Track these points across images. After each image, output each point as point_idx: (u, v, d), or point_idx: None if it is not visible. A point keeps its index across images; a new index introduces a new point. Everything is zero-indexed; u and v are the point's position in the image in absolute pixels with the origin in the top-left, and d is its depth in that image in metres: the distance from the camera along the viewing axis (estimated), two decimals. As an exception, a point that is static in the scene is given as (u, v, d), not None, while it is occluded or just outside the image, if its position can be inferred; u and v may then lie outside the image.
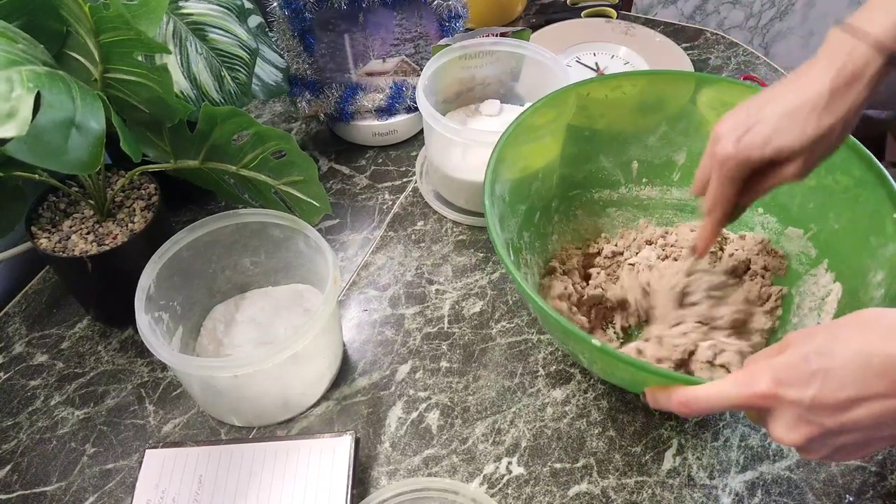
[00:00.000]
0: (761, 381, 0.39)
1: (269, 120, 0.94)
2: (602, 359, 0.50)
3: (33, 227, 0.63)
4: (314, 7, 0.78)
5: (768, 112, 0.48)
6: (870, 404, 0.36)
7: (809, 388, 0.37)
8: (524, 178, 0.66)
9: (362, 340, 0.69)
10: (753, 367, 0.40)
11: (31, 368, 0.67)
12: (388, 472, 0.59)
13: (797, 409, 0.38)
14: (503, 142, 0.60)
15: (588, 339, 0.46)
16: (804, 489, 0.57)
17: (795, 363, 0.38)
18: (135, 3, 0.53)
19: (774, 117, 0.48)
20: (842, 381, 0.36)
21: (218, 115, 0.59)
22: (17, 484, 0.59)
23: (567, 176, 0.70)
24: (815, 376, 0.37)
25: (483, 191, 0.56)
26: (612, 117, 0.68)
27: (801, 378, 0.38)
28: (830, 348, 0.37)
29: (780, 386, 0.38)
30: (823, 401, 0.37)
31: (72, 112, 0.45)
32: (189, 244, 0.61)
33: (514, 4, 1.08)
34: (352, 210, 0.81)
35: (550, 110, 0.65)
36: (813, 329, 0.40)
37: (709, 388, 0.42)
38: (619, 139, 0.70)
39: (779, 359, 0.39)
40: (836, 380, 0.37)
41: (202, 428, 0.62)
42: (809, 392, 0.37)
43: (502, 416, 0.62)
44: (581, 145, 0.69)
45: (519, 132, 0.62)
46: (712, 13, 1.64)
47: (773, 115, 0.48)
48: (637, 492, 0.57)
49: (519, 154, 0.63)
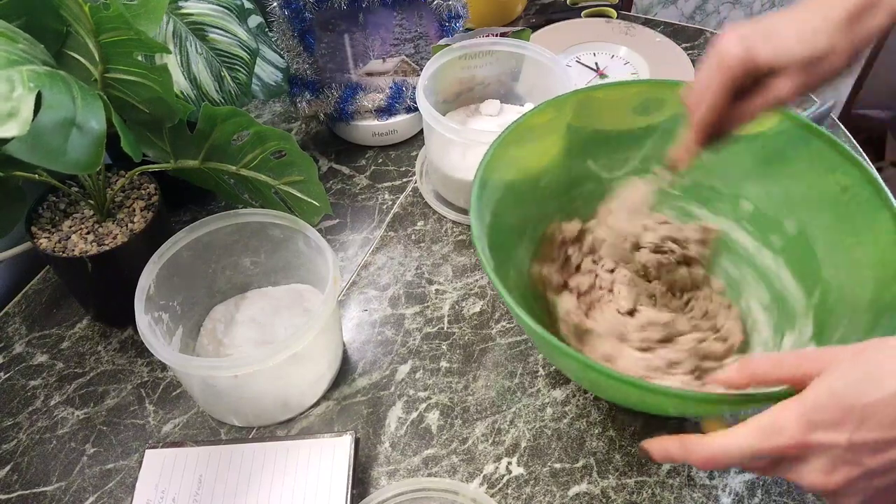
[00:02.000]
0: (789, 428, 0.36)
1: (269, 120, 0.94)
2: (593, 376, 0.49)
3: (33, 227, 0.63)
4: (314, 7, 0.78)
5: (780, 24, 0.46)
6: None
7: (846, 428, 0.34)
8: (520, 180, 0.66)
9: (362, 340, 0.69)
10: (778, 412, 0.37)
11: (31, 368, 0.67)
12: (388, 472, 0.59)
13: (834, 452, 0.35)
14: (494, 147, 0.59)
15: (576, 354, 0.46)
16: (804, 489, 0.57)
17: (827, 402, 0.35)
18: (135, 3, 0.53)
19: (785, 27, 0.46)
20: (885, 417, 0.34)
21: (218, 115, 0.59)
22: (17, 484, 0.59)
23: (566, 176, 0.70)
24: (852, 413, 0.34)
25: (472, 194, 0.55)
26: (611, 118, 0.68)
27: (835, 419, 0.35)
28: (868, 379, 0.34)
29: (812, 430, 0.35)
30: (865, 441, 0.34)
31: (72, 112, 0.45)
32: (189, 244, 0.61)
33: (514, 4, 1.08)
34: (352, 210, 0.81)
35: (549, 110, 0.65)
36: (837, 354, 0.37)
37: (728, 442, 0.38)
38: (618, 139, 0.70)
39: (805, 397, 0.36)
40: (879, 416, 0.34)
41: (202, 428, 0.62)
42: (847, 433, 0.34)
43: (502, 416, 0.62)
44: (580, 146, 0.69)
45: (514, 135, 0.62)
46: (712, 13, 1.64)
47: (784, 26, 0.46)
48: (637, 492, 0.57)
49: (515, 156, 0.63)
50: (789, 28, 0.46)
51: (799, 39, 0.45)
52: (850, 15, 0.44)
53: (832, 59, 0.45)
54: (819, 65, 0.45)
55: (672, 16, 1.61)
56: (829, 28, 0.45)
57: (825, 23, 0.45)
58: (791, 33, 0.45)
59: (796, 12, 0.46)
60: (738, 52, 0.46)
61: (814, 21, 0.45)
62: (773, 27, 0.46)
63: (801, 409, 0.36)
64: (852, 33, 0.45)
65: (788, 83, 0.46)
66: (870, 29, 0.45)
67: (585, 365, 0.46)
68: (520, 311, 0.48)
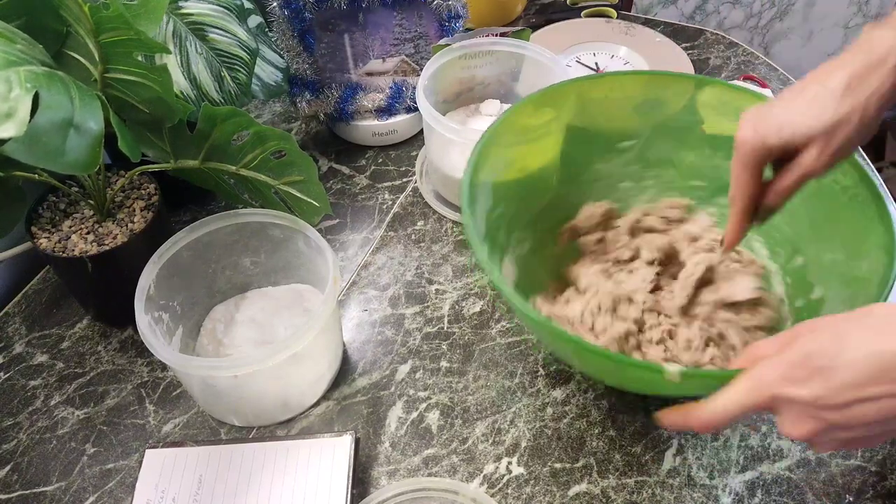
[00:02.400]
0: (769, 384, 0.40)
1: (269, 120, 0.94)
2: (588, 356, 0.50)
3: (33, 227, 0.63)
4: (314, 7, 0.78)
5: (788, 100, 0.48)
6: (878, 402, 0.36)
7: (811, 386, 0.38)
8: (519, 179, 0.66)
9: (362, 340, 0.69)
10: (761, 369, 0.41)
11: (31, 368, 0.67)
12: (388, 472, 0.59)
13: (800, 407, 0.39)
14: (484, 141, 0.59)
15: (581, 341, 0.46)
16: (804, 489, 0.57)
17: (799, 361, 0.39)
18: (135, 3, 0.53)
19: (794, 104, 0.47)
20: (844, 379, 0.37)
21: (218, 115, 0.59)
22: (17, 484, 0.59)
23: (566, 176, 0.70)
24: (819, 374, 0.38)
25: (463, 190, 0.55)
26: (611, 117, 0.68)
27: (804, 376, 0.38)
28: (836, 346, 0.38)
29: (785, 384, 0.39)
30: (826, 399, 0.37)
31: (70, 112, 0.45)
32: (189, 244, 0.61)
33: (514, 4, 1.08)
34: (352, 210, 0.81)
35: (548, 110, 0.65)
36: (820, 322, 0.40)
37: (722, 401, 0.42)
38: (618, 139, 0.69)
39: (784, 356, 0.40)
40: (839, 378, 0.37)
41: (202, 428, 0.62)
42: (811, 391, 0.38)
43: (502, 416, 0.62)
44: (580, 145, 0.69)
45: (510, 132, 0.62)
46: (712, 13, 1.64)
47: (793, 102, 0.48)
48: (637, 492, 0.57)
49: (513, 155, 0.63)
50: (796, 105, 0.47)
51: (805, 115, 0.47)
52: (851, 79, 0.46)
53: (846, 125, 0.47)
54: (836, 133, 0.47)
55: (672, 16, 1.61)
56: (833, 97, 0.46)
57: (827, 93, 0.46)
58: (798, 110, 0.47)
59: (801, 89, 0.48)
60: (750, 139, 0.49)
61: (816, 94, 0.47)
62: (782, 107, 0.48)
63: (779, 366, 0.40)
64: (857, 97, 0.46)
65: (813, 155, 0.48)
66: (876, 89, 0.46)
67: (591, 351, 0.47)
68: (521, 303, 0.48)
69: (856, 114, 0.46)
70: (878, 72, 0.46)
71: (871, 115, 0.47)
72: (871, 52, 0.46)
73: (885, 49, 0.45)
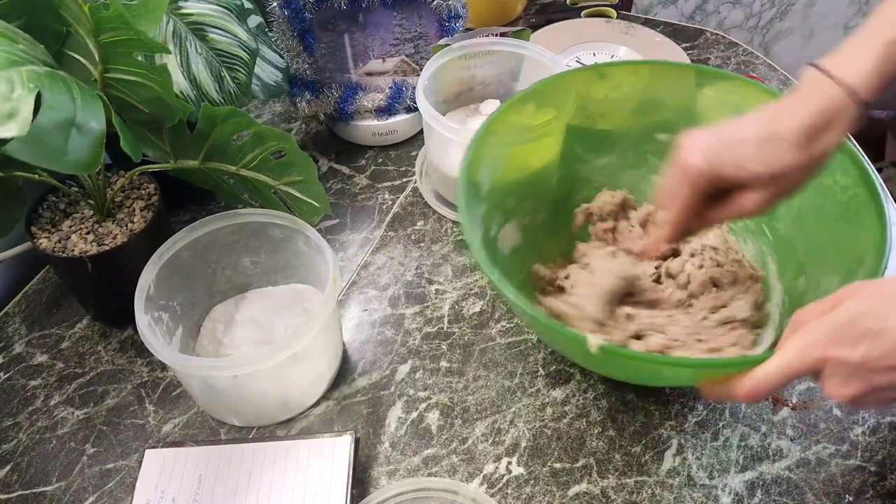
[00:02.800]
0: (817, 347, 0.40)
1: (269, 120, 0.94)
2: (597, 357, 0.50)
3: (33, 227, 0.63)
4: (314, 7, 0.78)
5: (742, 138, 0.47)
6: None
7: (860, 348, 0.38)
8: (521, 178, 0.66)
9: (362, 340, 0.69)
10: (807, 332, 0.41)
11: (31, 368, 0.67)
12: (387, 472, 0.59)
13: (848, 368, 0.39)
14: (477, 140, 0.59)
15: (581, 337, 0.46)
16: (804, 489, 0.57)
17: (847, 323, 0.39)
18: (135, 3, 0.53)
19: (747, 145, 0.47)
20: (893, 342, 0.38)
21: (218, 115, 0.59)
22: (17, 484, 0.59)
23: (567, 176, 0.70)
24: (867, 336, 0.38)
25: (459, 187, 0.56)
26: (612, 117, 0.68)
27: (853, 338, 0.39)
28: (884, 309, 0.38)
29: (833, 346, 0.39)
30: (876, 362, 0.38)
31: (72, 112, 0.45)
32: (189, 244, 0.61)
33: (514, 4, 1.08)
34: (352, 210, 0.81)
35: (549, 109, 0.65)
36: (865, 286, 0.41)
37: (769, 368, 0.42)
38: (618, 139, 0.70)
39: (830, 319, 0.40)
40: (889, 341, 0.38)
41: (202, 428, 0.62)
42: (860, 353, 0.38)
43: (502, 416, 0.62)
44: (581, 145, 0.69)
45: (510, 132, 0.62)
46: (712, 13, 1.64)
47: (746, 142, 0.47)
48: (637, 492, 0.57)
49: (514, 154, 0.63)
50: (750, 146, 0.47)
51: (760, 159, 0.47)
52: (807, 134, 0.46)
53: (792, 175, 0.47)
54: (780, 181, 0.48)
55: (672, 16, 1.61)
56: (788, 147, 0.46)
57: (783, 142, 0.46)
58: (752, 151, 0.47)
59: (755, 125, 0.48)
60: (701, 167, 0.48)
61: (773, 139, 0.47)
62: (735, 142, 0.48)
63: (827, 328, 0.40)
64: (809, 151, 0.46)
65: (754, 198, 0.49)
66: (825, 146, 0.47)
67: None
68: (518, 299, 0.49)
69: (808, 167, 0.47)
70: (830, 131, 0.46)
71: (819, 166, 0.48)
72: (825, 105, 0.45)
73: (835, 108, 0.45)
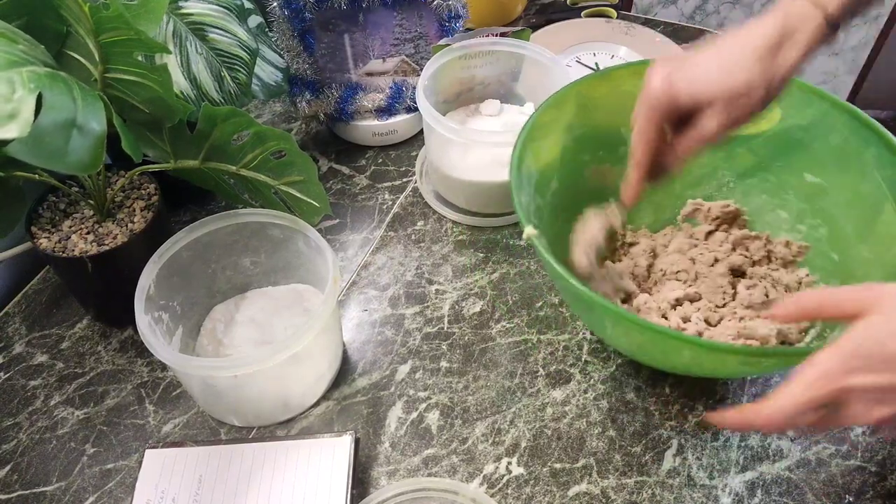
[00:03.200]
0: (835, 373, 0.38)
1: (269, 120, 0.94)
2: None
3: (33, 227, 0.63)
4: (314, 7, 0.78)
5: (702, 58, 0.48)
6: None
7: (887, 372, 0.37)
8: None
9: (362, 340, 0.69)
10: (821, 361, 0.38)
11: (31, 368, 0.67)
12: (387, 472, 0.59)
13: (874, 394, 0.38)
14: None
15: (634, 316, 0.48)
16: (804, 489, 0.57)
17: (870, 348, 0.37)
18: (135, 3, 0.53)
19: (706, 63, 0.47)
20: None
21: (218, 115, 0.59)
22: (17, 484, 0.59)
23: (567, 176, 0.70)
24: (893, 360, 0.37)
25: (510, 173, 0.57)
26: (612, 116, 0.68)
27: (877, 363, 0.37)
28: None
29: (856, 373, 0.37)
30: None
31: (73, 113, 0.45)
32: (189, 244, 0.61)
33: (514, 4, 1.08)
34: (352, 210, 0.81)
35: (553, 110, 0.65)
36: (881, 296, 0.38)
37: (781, 401, 0.39)
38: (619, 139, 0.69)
39: (849, 341, 0.38)
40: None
41: (202, 428, 0.62)
42: (886, 376, 0.37)
43: (502, 416, 0.62)
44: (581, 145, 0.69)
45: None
46: (712, 13, 1.64)
47: (705, 61, 0.47)
48: (637, 492, 0.57)
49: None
50: (710, 63, 0.47)
51: (717, 75, 0.47)
52: (767, 47, 0.46)
53: (751, 94, 0.47)
54: (739, 100, 0.47)
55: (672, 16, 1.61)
56: (747, 62, 0.46)
57: (743, 56, 0.46)
58: (711, 68, 0.47)
59: (719, 47, 0.48)
60: (660, 89, 0.48)
61: (732, 55, 0.46)
62: (696, 62, 0.48)
63: (844, 354, 0.38)
64: (769, 67, 0.46)
65: (714, 120, 0.48)
66: (786, 62, 0.46)
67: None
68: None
69: (763, 84, 0.46)
70: (789, 46, 0.46)
71: (775, 87, 0.47)
72: (787, 19, 0.46)
73: (799, 19, 0.45)
